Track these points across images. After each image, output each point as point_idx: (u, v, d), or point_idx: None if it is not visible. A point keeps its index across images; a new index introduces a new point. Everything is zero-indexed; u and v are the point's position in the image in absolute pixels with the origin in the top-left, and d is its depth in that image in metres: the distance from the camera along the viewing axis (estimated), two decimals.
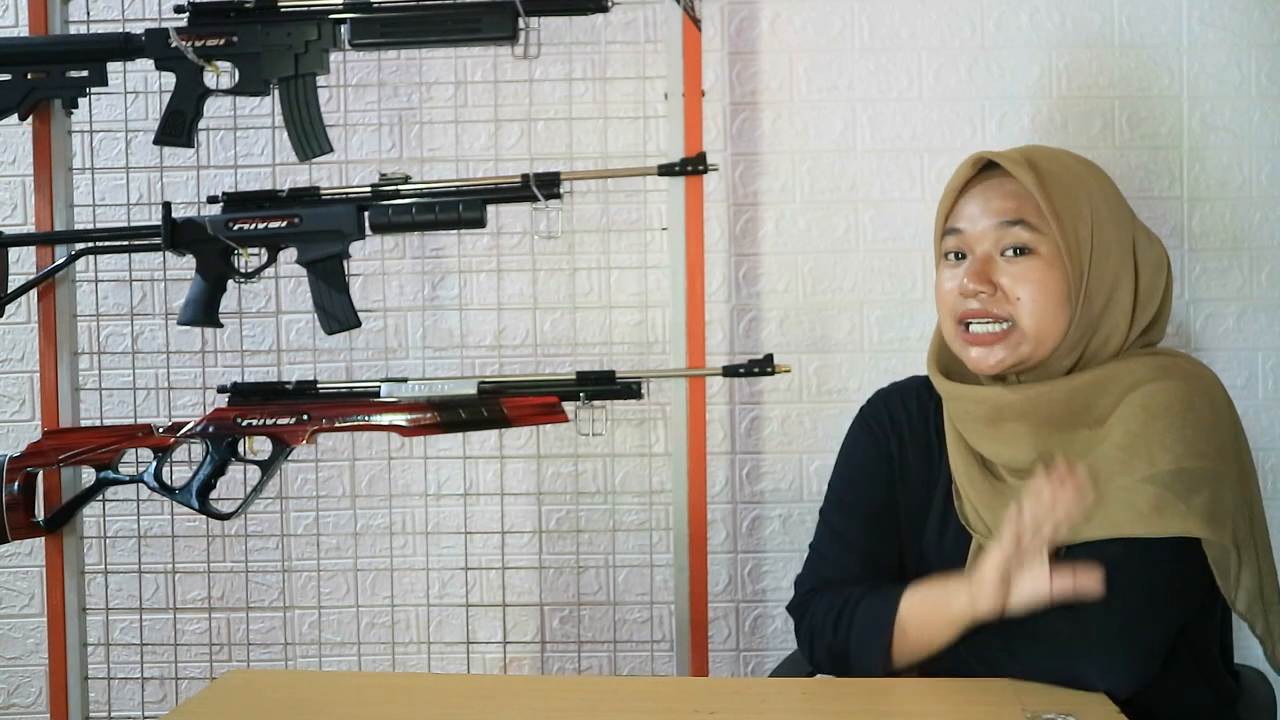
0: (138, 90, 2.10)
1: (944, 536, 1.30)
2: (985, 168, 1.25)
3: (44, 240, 1.89)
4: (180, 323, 1.84)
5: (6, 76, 1.81)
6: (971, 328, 1.23)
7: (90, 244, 1.87)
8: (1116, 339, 1.24)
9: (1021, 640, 1.14)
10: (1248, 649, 1.34)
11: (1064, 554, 1.19)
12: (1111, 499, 1.16)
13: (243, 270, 1.82)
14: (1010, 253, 1.21)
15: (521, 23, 1.76)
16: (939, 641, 1.19)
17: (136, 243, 1.87)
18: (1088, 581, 1.09)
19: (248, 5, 1.78)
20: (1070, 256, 1.20)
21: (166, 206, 1.81)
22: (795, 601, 1.35)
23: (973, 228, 1.23)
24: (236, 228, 1.80)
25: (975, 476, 1.25)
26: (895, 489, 1.33)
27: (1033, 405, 1.21)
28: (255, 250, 1.82)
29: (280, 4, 1.78)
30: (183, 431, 1.81)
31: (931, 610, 1.20)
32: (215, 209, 1.83)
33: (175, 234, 1.81)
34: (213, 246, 1.81)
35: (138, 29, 1.82)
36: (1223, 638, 1.31)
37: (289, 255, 1.82)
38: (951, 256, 1.26)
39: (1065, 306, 1.20)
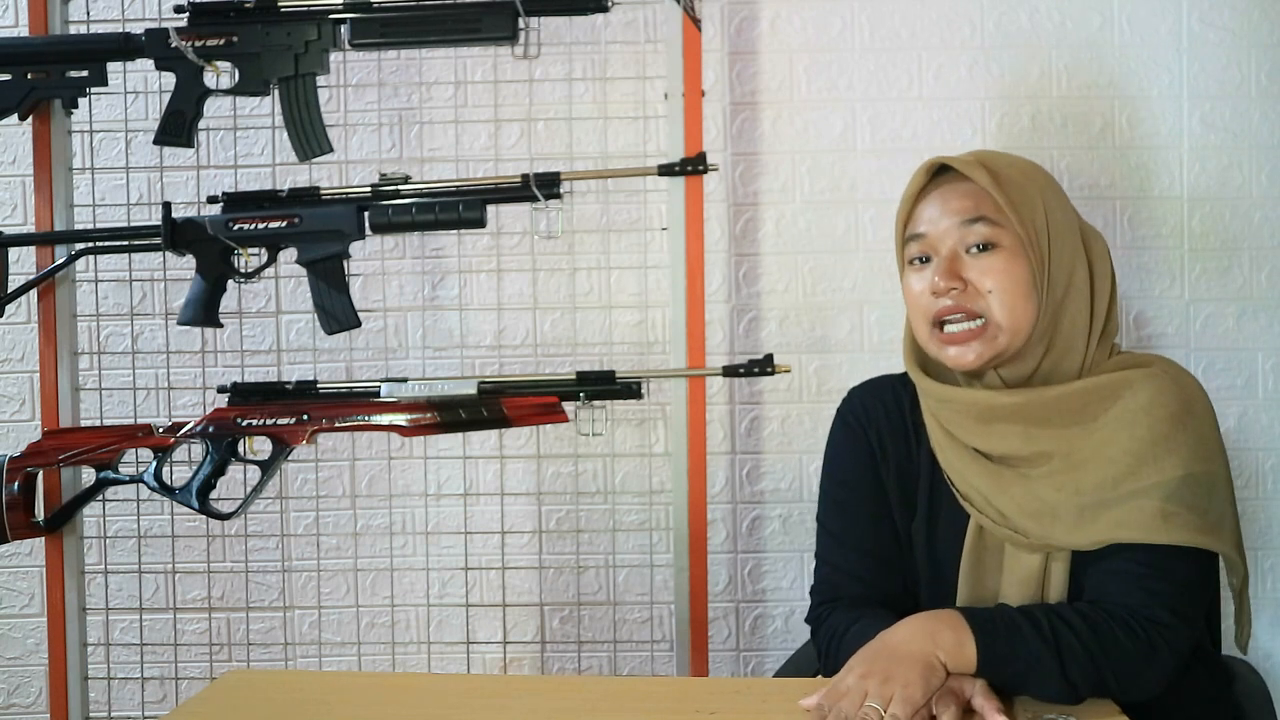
0: (138, 90, 2.11)
1: (935, 526, 1.32)
2: (938, 173, 1.29)
3: (44, 240, 1.89)
4: (180, 323, 1.84)
5: (6, 76, 1.81)
6: (946, 328, 1.26)
7: (90, 244, 1.87)
8: (1081, 323, 1.27)
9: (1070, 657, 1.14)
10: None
11: (1082, 559, 1.21)
12: (1121, 505, 1.18)
13: (243, 270, 1.82)
14: (975, 249, 1.24)
15: (521, 23, 1.76)
16: None
17: (136, 243, 1.87)
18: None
19: (248, 5, 1.78)
20: (1031, 245, 1.23)
21: (166, 206, 1.81)
22: (811, 615, 1.38)
23: (934, 229, 1.26)
24: (236, 228, 1.80)
25: (968, 461, 1.27)
26: (883, 480, 1.36)
27: (1024, 409, 1.24)
28: (255, 250, 1.82)
29: (280, 4, 1.78)
30: (183, 431, 1.81)
31: None
32: (215, 209, 1.83)
33: (175, 234, 1.81)
34: (213, 246, 1.81)
35: (138, 29, 1.82)
36: (1210, 628, 1.35)
37: (289, 255, 1.83)
38: (917, 261, 1.29)
39: (1032, 295, 1.24)
